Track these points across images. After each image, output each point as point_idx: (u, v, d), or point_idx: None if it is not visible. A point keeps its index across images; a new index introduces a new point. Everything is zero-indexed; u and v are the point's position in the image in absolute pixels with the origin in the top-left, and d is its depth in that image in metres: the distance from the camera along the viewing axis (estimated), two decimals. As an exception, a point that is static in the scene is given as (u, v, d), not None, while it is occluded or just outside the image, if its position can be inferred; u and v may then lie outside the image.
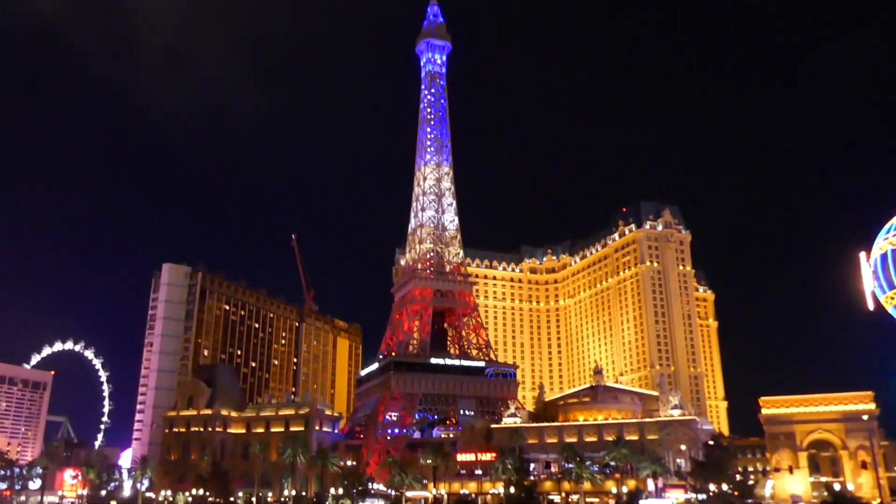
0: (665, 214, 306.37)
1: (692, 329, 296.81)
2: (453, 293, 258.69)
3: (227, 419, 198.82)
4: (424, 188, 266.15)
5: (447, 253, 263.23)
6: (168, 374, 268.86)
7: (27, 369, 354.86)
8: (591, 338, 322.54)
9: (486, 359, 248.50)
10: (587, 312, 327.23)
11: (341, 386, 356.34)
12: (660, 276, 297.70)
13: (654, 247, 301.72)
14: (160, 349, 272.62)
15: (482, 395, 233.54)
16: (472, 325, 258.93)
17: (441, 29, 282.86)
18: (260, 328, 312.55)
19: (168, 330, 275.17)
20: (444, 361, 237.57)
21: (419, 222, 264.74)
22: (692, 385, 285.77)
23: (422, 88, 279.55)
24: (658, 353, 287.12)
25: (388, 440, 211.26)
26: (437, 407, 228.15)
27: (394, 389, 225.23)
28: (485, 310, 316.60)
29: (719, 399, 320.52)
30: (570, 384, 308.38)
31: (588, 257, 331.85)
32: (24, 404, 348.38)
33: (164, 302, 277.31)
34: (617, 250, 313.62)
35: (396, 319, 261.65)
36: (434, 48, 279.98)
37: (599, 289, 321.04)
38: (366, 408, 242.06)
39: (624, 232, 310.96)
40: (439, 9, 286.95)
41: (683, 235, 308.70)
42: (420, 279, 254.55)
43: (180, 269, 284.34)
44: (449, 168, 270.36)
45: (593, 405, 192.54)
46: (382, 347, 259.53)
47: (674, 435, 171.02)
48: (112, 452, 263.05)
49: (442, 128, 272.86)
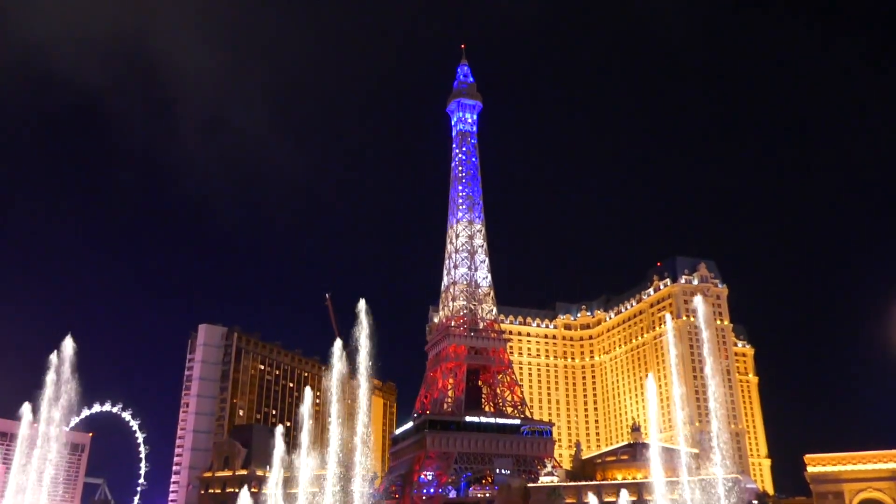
0: (701, 268, 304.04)
1: (732, 385, 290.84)
2: (487, 350, 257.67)
3: (262, 480, 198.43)
4: (457, 245, 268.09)
5: (481, 310, 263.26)
6: (204, 435, 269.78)
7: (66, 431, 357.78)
8: (627, 394, 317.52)
9: (522, 416, 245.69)
10: (623, 368, 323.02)
11: (376, 444, 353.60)
12: (696, 330, 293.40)
13: (691, 301, 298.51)
14: (196, 409, 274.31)
15: (518, 454, 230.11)
16: (507, 382, 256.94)
17: (471, 88, 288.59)
18: (294, 387, 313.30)
19: (204, 390, 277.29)
20: (479, 419, 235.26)
21: (452, 279, 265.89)
22: (733, 443, 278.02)
23: (453, 147, 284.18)
24: (697, 410, 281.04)
25: (423, 500, 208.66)
26: (473, 466, 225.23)
27: (429, 448, 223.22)
28: (519, 367, 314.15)
29: (762, 457, 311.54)
30: (608, 442, 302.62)
31: (623, 312, 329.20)
32: (63, 466, 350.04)
33: (201, 362, 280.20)
34: (652, 305, 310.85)
35: (431, 377, 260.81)
36: (465, 107, 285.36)
37: (635, 344, 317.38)
38: (401, 467, 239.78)
39: (659, 286, 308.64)
40: (469, 69, 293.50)
41: (720, 290, 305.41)
42: (454, 336, 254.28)
43: (216, 329, 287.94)
44: (481, 225, 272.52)
45: (632, 463, 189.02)
46: (417, 406, 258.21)
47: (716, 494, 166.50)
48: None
49: (474, 185, 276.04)
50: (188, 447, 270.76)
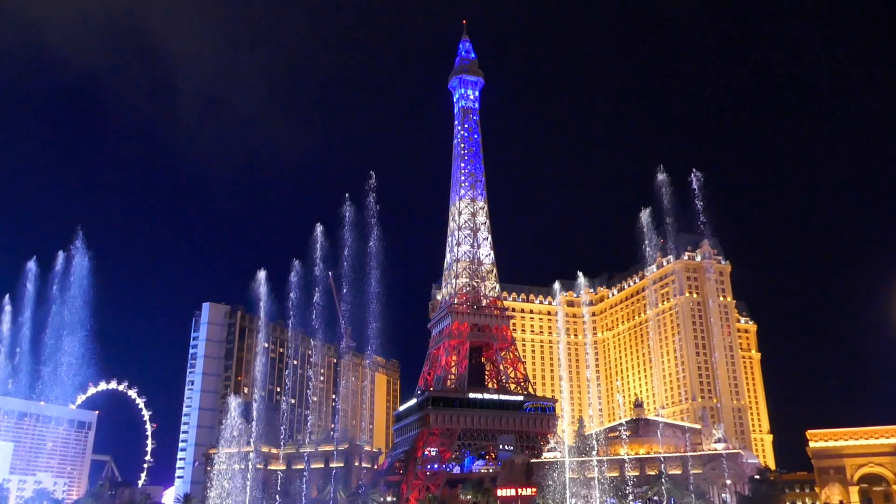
0: (703, 245, 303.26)
1: (734, 361, 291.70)
2: (490, 327, 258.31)
3: (267, 456, 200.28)
4: (459, 223, 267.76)
5: (483, 287, 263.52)
6: (209, 413, 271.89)
7: (73, 409, 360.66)
8: (630, 370, 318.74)
9: (525, 393, 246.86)
10: (626, 345, 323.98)
11: (379, 422, 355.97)
12: (699, 307, 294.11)
13: (693, 278, 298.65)
14: (201, 388, 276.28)
15: (521, 430, 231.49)
16: (510, 359, 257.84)
17: (473, 65, 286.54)
18: (298, 365, 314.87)
19: (209, 368, 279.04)
20: (482, 396, 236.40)
21: (455, 257, 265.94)
22: (736, 418, 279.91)
23: (455, 124, 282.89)
24: (700, 386, 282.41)
25: (427, 476, 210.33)
26: (476, 442, 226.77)
27: (432, 425, 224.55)
28: (522, 344, 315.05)
29: (764, 432, 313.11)
30: (611, 418, 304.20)
31: (625, 289, 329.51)
32: (70, 444, 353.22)
33: (205, 341, 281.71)
34: (655, 282, 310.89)
35: (434, 355, 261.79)
36: (466, 84, 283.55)
37: (638, 321, 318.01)
38: (404, 443, 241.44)
39: (661, 263, 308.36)
40: (471, 45, 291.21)
41: (723, 266, 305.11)
42: (457, 314, 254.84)
43: (220, 308, 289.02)
44: (483, 202, 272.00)
45: (635, 439, 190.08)
46: (420, 383, 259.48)
47: (718, 469, 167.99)
48: (155, 491, 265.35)
49: (476, 162, 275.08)
50: (193, 424, 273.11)
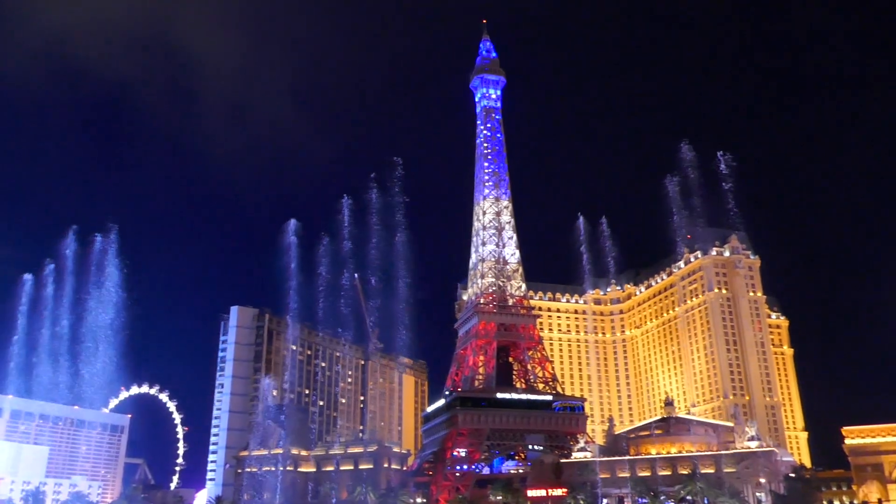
0: (732, 240, 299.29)
1: (766, 357, 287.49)
2: (517, 327, 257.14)
3: (297, 458, 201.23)
4: (484, 222, 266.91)
5: (509, 286, 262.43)
6: (239, 416, 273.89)
7: (106, 413, 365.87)
8: (659, 368, 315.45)
9: (553, 392, 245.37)
10: (655, 342, 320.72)
11: (408, 423, 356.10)
12: (729, 303, 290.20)
13: (722, 273, 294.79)
14: (231, 390, 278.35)
15: (550, 430, 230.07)
16: (538, 358, 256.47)
17: (494, 64, 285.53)
18: (327, 367, 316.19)
19: (238, 371, 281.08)
20: (510, 396, 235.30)
21: (480, 257, 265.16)
22: (769, 415, 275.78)
23: (477, 124, 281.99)
24: (731, 383, 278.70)
25: (456, 476, 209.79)
26: (505, 442, 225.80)
27: (461, 425, 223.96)
28: (549, 343, 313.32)
29: (799, 429, 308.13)
30: (641, 416, 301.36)
31: (653, 286, 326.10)
32: (104, 447, 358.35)
33: (234, 344, 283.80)
34: (683, 278, 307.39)
35: (461, 355, 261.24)
36: (488, 83, 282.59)
37: (666, 318, 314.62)
38: (433, 444, 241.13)
39: (689, 259, 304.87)
40: (492, 44, 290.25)
41: (752, 261, 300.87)
42: (483, 314, 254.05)
43: (248, 311, 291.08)
44: (508, 201, 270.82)
45: (666, 437, 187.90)
46: (448, 383, 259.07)
47: (752, 467, 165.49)
48: (187, 493, 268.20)
49: (499, 162, 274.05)
50: (224, 427, 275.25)
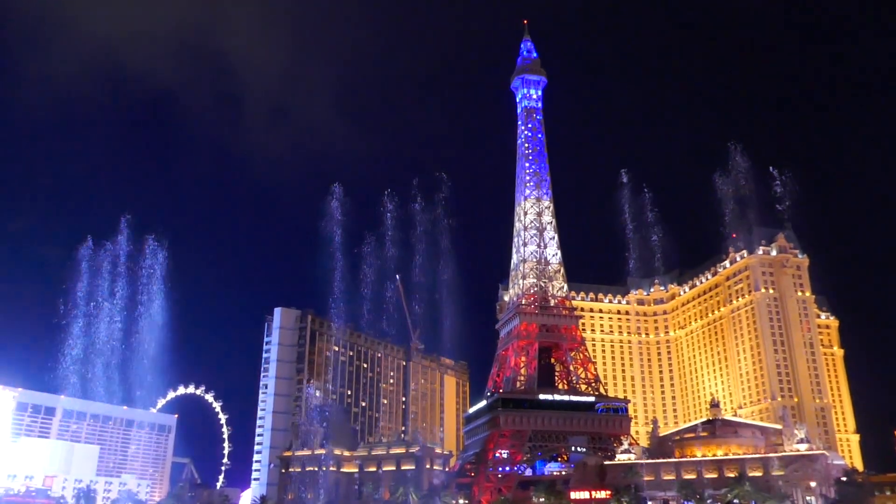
0: (779, 239, 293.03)
1: (815, 358, 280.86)
2: (559, 328, 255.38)
3: (340, 459, 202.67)
4: (525, 223, 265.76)
5: (551, 287, 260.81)
6: (283, 416, 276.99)
7: (154, 413, 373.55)
8: (705, 370, 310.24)
9: (596, 394, 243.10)
10: (700, 343, 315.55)
11: (450, 424, 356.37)
12: (776, 303, 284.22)
13: (769, 273, 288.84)
14: (275, 391, 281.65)
15: (593, 432, 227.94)
16: (580, 359, 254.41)
17: (535, 64, 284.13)
18: (368, 368, 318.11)
19: (282, 372, 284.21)
20: (552, 397, 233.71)
21: (521, 257, 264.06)
22: (819, 418, 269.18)
23: (518, 124, 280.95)
24: (779, 385, 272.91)
25: (498, 478, 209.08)
26: (548, 444, 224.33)
27: (503, 427, 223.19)
28: (592, 344, 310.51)
29: (850, 432, 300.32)
30: (685, 418, 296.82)
31: (698, 286, 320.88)
32: (152, 447, 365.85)
33: (277, 345, 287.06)
34: (728, 278, 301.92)
35: (502, 356, 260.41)
36: (529, 83, 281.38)
37: (711, 318, 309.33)
38: (475, 445, 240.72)
39: (735, 259, 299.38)
40: (533, 44, 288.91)
41: (800, 260, 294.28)
42: (525, 314, 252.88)
43: (291, 312, 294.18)
44: (549, 202, 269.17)
45: (712, 440, 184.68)
46: (489, 384, 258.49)
47: (802, 471, 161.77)
48: (233, 493, 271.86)
49: (541, 162, 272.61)
50: (268, 427, 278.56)
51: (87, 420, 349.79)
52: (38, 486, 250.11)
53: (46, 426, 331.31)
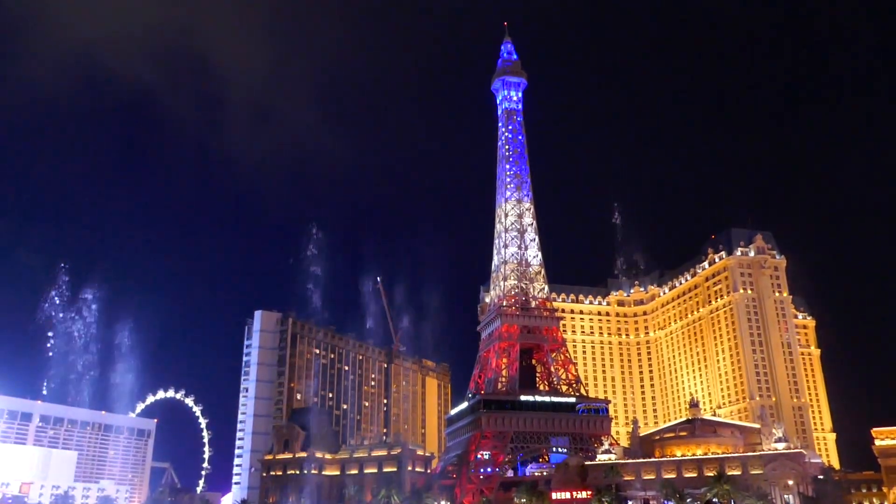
0: (757, 240, 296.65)
1: (793, 358, 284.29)
2: (540, 329, 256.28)
3: (322, 461, 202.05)
4: (506, 225, 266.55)
5: (532, 289, 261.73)
6: (264, 419, 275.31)
7: (133, 418, 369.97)
8: (684, 370, 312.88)
9: (577, 394, 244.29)
10: (679, 344, 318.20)
11: (431, 425, 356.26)
12: (755, 303, 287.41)
13: (748, 274, 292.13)
14: (255, 395, 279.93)
15: (574, 432, 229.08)
16: (561, 360, 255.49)
17: (516, 66, 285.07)
18: (350, 371, 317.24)
19: (262, 375, 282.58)
20: (534, 398, 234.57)
21: (502, 259, 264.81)
22: (796, 417, 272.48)
23: (499, 126, 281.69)
24: (758, 384, 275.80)
25: (481, 479, 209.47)
26: (529, 445, 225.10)
27: (485, 428, 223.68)
28: (573, 345, 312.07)
29: (827, 431, 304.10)
30: (665, 418, 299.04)
31: (677, 287, 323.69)
32: (131, 451, 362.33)
33: (258, 348, 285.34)
34: (707, 279, 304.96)
35: (484, 357, 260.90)
36: (509, 85, 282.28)
37: (691, 319, 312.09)
38: (457, 447, 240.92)
39: (714, 260, 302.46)
40: (513, 46, 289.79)
41: (778, 261, 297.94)
42: (506, 316, 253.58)
43: (271, 315, 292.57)
44: (530, 203, 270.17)
45: (691, 439, 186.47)
46: (471, 386, 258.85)
47: (780, 469, 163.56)
48: (214, 497, 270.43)
49: (521, 164, 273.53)
50: (249, 431, 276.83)
51: (65, 425, 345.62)
52: (15, 493, 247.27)
53: (23, 432, 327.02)
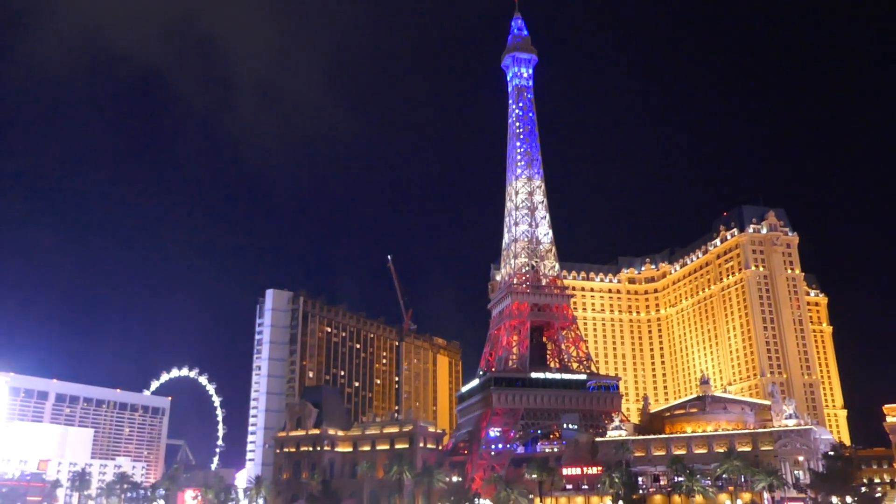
0: (769, 217, 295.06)
1: (804, 335, 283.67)
2: (551, 307, 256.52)
3: (334, 439, 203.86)
4: (517, 203, 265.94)
5: (542, 266, 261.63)
6: (276, 397, 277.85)
7: (147, 396, 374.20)
8: (695, 347, 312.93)
9: (588, 371, 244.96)
10: (690, 321, 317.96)
11: (443, 403, 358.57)
12: (766, 280, 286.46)
13: (759, 251, 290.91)
14: (268, 372, 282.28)
15: (585, 409, 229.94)
16: (572, 338, 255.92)
17: (526, 42, 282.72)
18: (361, 349, 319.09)
19: (274, 354, 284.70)
20: (544, 376, 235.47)
21: (513, 237, 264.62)
22: (807, 393, 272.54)
23: (509, 103, 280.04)
24: (769, 361, 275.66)
25: (492, 456, 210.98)
26: (540, 422, 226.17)
27: (495, 405, 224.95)
28: (584, 322, 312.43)
29: (838, 408, 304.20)
30: (676, 395, 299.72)
31: (689, 265, 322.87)
32: (146, 429, 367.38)
33: (270, 326, 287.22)
34: (719, 256, 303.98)
35: (494, 335, 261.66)
36: (520, 62, 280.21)
37: (702, 296, 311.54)
38: (468, 424, 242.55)
39: (726, 237, 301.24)
40: (524, 22, 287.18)
41: (790, 238, 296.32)
42: (516, 294, 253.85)
43: (283, 294, 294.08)
44: (541, 181, 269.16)
45: (701, 416, 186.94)
46: (482, 363, 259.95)
47: (790, 446, 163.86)
48: (228, 473, 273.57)
49: (532, 141, 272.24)
50: (262, 409, 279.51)
51: (81, 403, 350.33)
52: (33, 470, 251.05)
53: (39, 410, 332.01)
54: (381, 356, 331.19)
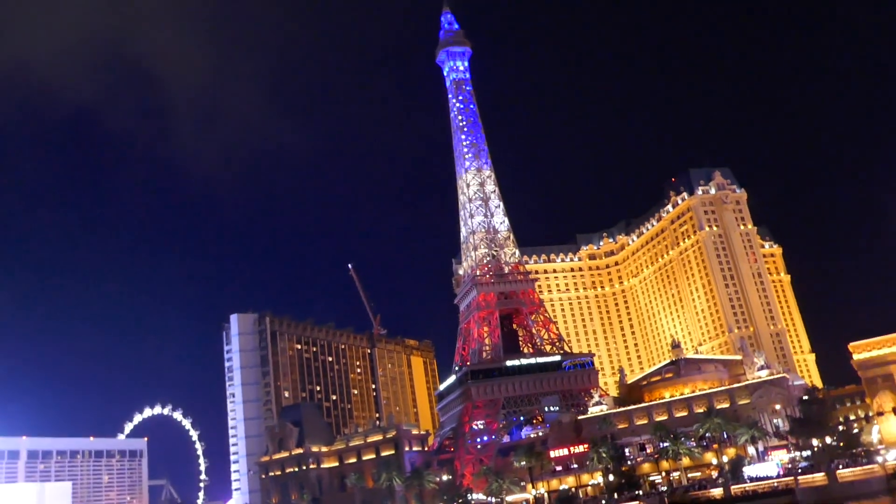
0: (716, 177, 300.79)
1: (765, 287, 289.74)
2: (517, 293, 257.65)
3: (318, 455, 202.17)
4: (469, 195, 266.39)
5: (503, 255, 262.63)
6: (255, 422, 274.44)
7: (122, 440, 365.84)
8: (662, 313, 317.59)
9: (561, 352, 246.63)
10: (654, 289, 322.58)
11: (423, 404, 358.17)
12: (721, 239, 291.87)
13: (711, 211, 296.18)
14: (243, 398, 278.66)
15: (564, 390, 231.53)
16: (541, 321, 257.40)
17: (458, 35, 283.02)
18: (334, 361, 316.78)
19: (247, 378, 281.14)
20: (519, 362, 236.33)
21: (470, 229, 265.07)
22: (775, 343, 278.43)
23: (449, 97, 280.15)
24: (734, 317, 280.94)
25: (478, 449, 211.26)
26: (521, 408, 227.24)
27: (475, 398, 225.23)
28: (551, 304, 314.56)
29: (806, 353, 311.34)
30: (650, 363, 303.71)
31: (645, 234, 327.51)
32: (125, 473, 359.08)
33: (239, 352, 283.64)
34: (673, 221, 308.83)
35: (465, 329, 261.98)
36: (454, 56, 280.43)
37: (662, 263, 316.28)
38: (451, 421, 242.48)
39: (677, 202, 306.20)
40: (453, 16, 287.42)
41: (738, 195, 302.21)
42: (481, 285, 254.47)
43: (248, 317, 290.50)
44: (490, 171, 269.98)
45: (677, 380, 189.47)
46: (457, 359, 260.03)
47: (766, 396, 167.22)
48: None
49: (476, 132, 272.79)
50: (241, 436, 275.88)
51: (55, 457, 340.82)
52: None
53: (12, 470, 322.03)
54: (354, 366, 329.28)
